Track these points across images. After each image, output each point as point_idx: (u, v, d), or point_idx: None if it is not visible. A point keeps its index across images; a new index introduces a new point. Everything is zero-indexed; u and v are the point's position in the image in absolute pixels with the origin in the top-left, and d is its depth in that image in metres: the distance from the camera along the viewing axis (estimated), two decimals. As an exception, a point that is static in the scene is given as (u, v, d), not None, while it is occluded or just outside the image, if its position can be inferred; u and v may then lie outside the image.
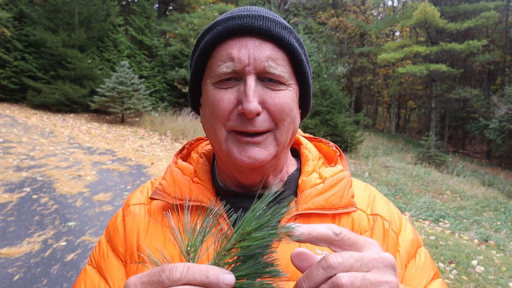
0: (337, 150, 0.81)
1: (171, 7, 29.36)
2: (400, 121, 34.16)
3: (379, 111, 36.14)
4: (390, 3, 45.29)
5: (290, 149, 0.82)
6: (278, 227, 0.42)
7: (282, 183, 0.76)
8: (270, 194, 0.44)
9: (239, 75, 0.65)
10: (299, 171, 0.78)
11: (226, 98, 0.65)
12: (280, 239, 0.43)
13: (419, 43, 25.40)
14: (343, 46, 29.10)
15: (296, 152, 0.83)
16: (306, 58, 0.71)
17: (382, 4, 36.19)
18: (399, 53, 22.51)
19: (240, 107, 0.63)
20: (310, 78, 0.73)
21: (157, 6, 27.35)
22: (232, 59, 0.64)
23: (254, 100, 0.62)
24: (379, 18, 35.74)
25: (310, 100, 0.76)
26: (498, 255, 5.46)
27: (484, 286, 4.15)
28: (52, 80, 15.05)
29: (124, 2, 25.44)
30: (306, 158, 0.78)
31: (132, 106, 13.82)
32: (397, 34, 33.68)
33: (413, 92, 29.88)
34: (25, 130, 10.58)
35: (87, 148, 9.41)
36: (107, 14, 17.28)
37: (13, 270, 3.49)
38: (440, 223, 7.33)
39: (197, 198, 0.71)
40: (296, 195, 0.72)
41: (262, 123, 0.64)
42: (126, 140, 11.47)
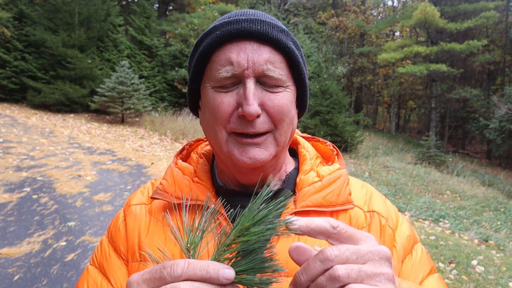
0: (334, 149, 0.83)
1: (171, 7, 29.37)
2: (400, 121, 34.16)
3: (379, 111, 36.15)
4: (390, 3, 45.33)
5: (288, 148, 0.83)
6: (276, 221, 0.43)
7: (281, 182, 0.77)
8: (267, 190, 0.45)
9: (238, 79, 0.66)
10: (297, 170, 0.80)
11: (226, 101, 0.66)
12: (278, 233, 0.44)
13: (419, 43, 25.41)
14: (343, 46, 29.10)
15: (294, 152, 0.85)
16: (302, 60, 0.73)
17: (382, 4, 36.21)
18: (399, 53, 22.51)
19: (240, 109, 0.65)
20: (306, 79, 0.75)
21: (157, 6, 27.36)
22: (231, 63, 0.65)
23: (254, 103, 0.63)
24: (379, 18, 35.74)
25: (307, 100, 0.77)
26: (498, 255, 5.46)
27: (484, 286, 4.15)
28: (52, 80, 15.05)
29: (124, 2, 25.45)
30: (304, 157, 0.80)
31: (132, 106, 13.82)
32: (397, 34, 33.70)
33: (413, 92, 29.88)
34: (25, 130, 10.58)
35: (87, 148, 9.41)
36: (107, 14, 17.28)
37: (13, 270, 3.50)
38: (440, 223, 7.33)
39: (197, 197, 0.72)
40: (294, 193, 0.74)
41: (262, 125, 0.66)
42: (126, 140, 11.47)
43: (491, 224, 7.83)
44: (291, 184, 0.77)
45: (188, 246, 0.46)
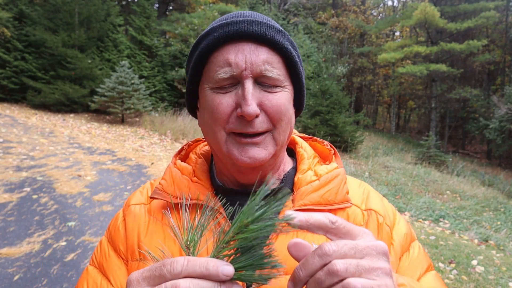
0: (331, 149, 0.83)
1: (171, 7, 29.36)
2: (400, 121, 34.16)
3: (379, 111, 36.14)
4: (390, 3, 45.32)
5: (286, 148, 0.84)
6: (275, 218, 0.44)
7: (279, 181, 0.78)
8: (266, 187, 0.46)
9: (236, 80, 0.67)
10: (295, 169, 0.80)
11: (225, 102, 0.67)
12: (277, 230, 0.44)
13: (419, 43, 25.40)
14: (343, 46, 29.10)
15: (292, 152, 0.86)
16: (299, 60, 0.74)
17: (382, 4, 36.20)
18: (399, 53, 22.51)
19: (239, 110, 0.65)
20: (303, 78, 0.75)
21: (157, 6, 27.36)
22: (229, 64, 0.66)
23: (253, 103, 0.64)
24: (379, 18, 35.74)
25: (304, 99, 0.78)
26: (498, 255, 5.46)
27: (484, 286, 4.15)
28: (52, 80, 15.05)
29: (124, 2, 25.44)
30: (302, 157, 0.80)
31: (132, 106, 13.82)
32: (397, 34, 33.69)
33: (413, 92, 29.87)
34: (25, 130, 10.58)
35: (87, 148, 9.41)
36: (107, 14, 17.28)
37: (13, 270, 3.50)
38: (440, 223, 7.33)
39: (196, 197, 0.73)
40: (292, 192, 0.74)
41: (260, 124, 0.67)
42: (126, 140, 11.47)
43: (491, 224, 7.83)
44: (289, 183, 0.77)
45: (188, 243, 0.46)
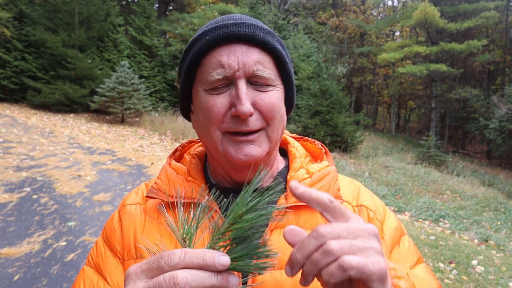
0: (322, 148, 0.86)
1: (171, 7, 29.37)
2: (400, 121, 34.16)
3: (379, 111, 36.14)
4: (390, 3, 45.31)
5: (279, 148, 0.86)
6: (269, 207, 0.46)
7: (272, 179, 0.80)
8: (258, 177, 0.48)
9: (229, 80, 0.69)
10: (287, 168, 0.83)
11: (219, 103, 0.69)
12: (271, 219, 0.46)
13: (419, 43, 25.40)
14: (343, 46, 29.10)
15: (284, 152, 0.88)
16: (288, 59, 0.77)
17: (382, 4, 36.21)
18: (399, 53, 22.51)
19: (233, 109, 0.68)
20: (293, 77, 0.79)
21: (157, 6, 27.36)
22: (222, 65, 0.68)
23: (247, 102, 0.67)
24: (379, 18, 35.74)
25: (294, 98, 0.81)
26: (498, 255, 5.46)
27: (484, 286, 4.15)
28: (52, 80, 15.05)
29: (124, 2, 25.45)
30: (294, 156, 0.83)
31: (132, 106, 13.82)
32: (397, 34, 33.69)
33: (413, 92, 29.87)
34: (25, 130, 10.58)
35: (87, 148, 9.41)
36: (107, 14, 17.28)
37: (13, 270, 3.50)
38: (440, 223, 7.33)
39: (191, 195, 0.74)
40: (285, 190, 0.76)
41: (255, 123, 0.69)
42: (126, 140, 11.47)
43: (491, 224, 7.83)
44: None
45: (184, 236, 0.47)
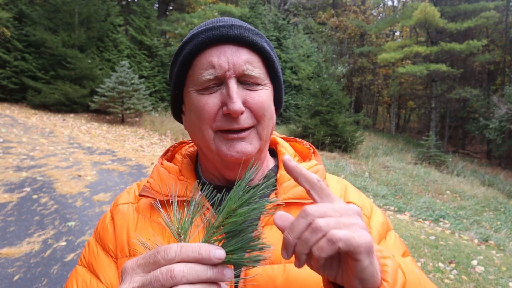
0: (310, 148, 0.88)
1: (171, 7, 29.37)
2: (400, 121, 34.15)
3: (379, 111, 36.14)
4: (390, 3, 45.31)
5: (268, 149, 0.88)
6: (261, 201, 0.48)
7: (262, 178, 0.81)
8: (250, 172, 0.50)
9: (220, 80, 0.71)
10: (277, 167, 0.86)
11: (211, 102, 0.71)
12: (263, 212, 0.48)
13: (419, 43, 25.40)
14: (343, 46, 29.10)
15: (274, 152, 0.91)
16: (276, 59, 0.79)
17: (382, 4, 36.21)
18: (399, 53, 22.51)
19: (225, 108, 0.70)
20: (281, 76, 0.81)
21: (157, 6, 27.35)
22: (213, 66, 0.70)
23: (238, 100, 0.69)
24: (379, 18, 35.74)
25: (282, 98, 0.83)
26: (498, 255, 5.46)
27: (484, 286, 4.15)
28: (52, 80, 15.05)
29: (124, 2, 25.44)
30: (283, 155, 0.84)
31: (132, 106, 13.82)
32: (397, 34, 33.69)
33: (413, 92, 29.86)
34: (25, 130, 10.58)
35: (87, 148, 9.41)
36: (107, 14, 17.29)
37: (13, 270, 3.50)
38: (440, 223, 7.33)
39: (183, 194, 0.76)
40: (275, 187, 0.78)
41: (245, 121, 0.71)
42: (126, 140, 11.47)
43: (491, 224, 7.83)
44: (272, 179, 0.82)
45: (179, 231, 0.48)
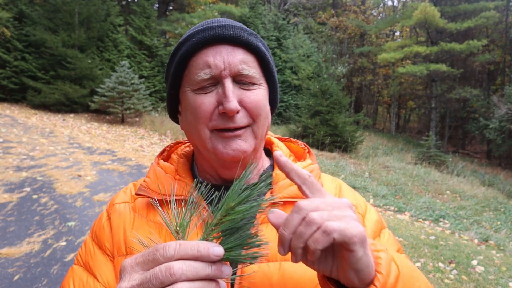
0: (305, 147, 0.89)
1: (171, 7, 29.37)
2: (400, 121, 34.15)
3: (379, 111, 36.14)
4: (390, 3, 45.31)
5: (264, 149, 0.89)
6: (259, 199, 0.49)
7: (258, 177, 0.82)
8: (248, 171, 0.50)
9: (216, 80, 0.72)
10: (272, 166, 0.86)
11: (207, 101, 0.72)
12: (261, 210, 0.49)
13: (419, 43, 25.40)
14: (343, 46, 29.10)
15: (269, 152, 0.91)
16: (271, 59, 0.80)
17: (382, 4, 36.20)
18: (399, 53, 22.51)
19: (221, 107, 0.70)
20: (276, 76, 0.82)
21: (157, 6, 27.36)
22: (209, 66, 0.71)
23: (233, 99, 0.70)
24: (379, 18, 35.74)
25: (277, 97, 0.84)
26: (498, 255, 5.46)
27: (484, 286, 4.15)
28: (52, 80, 15.06)
29: (124, 2, 25.44)
30: None
31: (132, 106, 13.82)
32: (397, 34, 33.69)
33: (413, 92, 29.86)
34: (25, 130, 10.58)
35: (87, 148, 9.41)
36: (107, 14, 17.29)
37: (13, 270, 3.50)
38: (440, 223, 7.33)
39: (180, 193, 0.77)
40: (271, 186, 0.79)
41: (241, 119, 0.72)
42: (126, 140, 11.48)
43: (491, 224, 7.83)
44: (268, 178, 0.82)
45: (177, 229, 0.48)
